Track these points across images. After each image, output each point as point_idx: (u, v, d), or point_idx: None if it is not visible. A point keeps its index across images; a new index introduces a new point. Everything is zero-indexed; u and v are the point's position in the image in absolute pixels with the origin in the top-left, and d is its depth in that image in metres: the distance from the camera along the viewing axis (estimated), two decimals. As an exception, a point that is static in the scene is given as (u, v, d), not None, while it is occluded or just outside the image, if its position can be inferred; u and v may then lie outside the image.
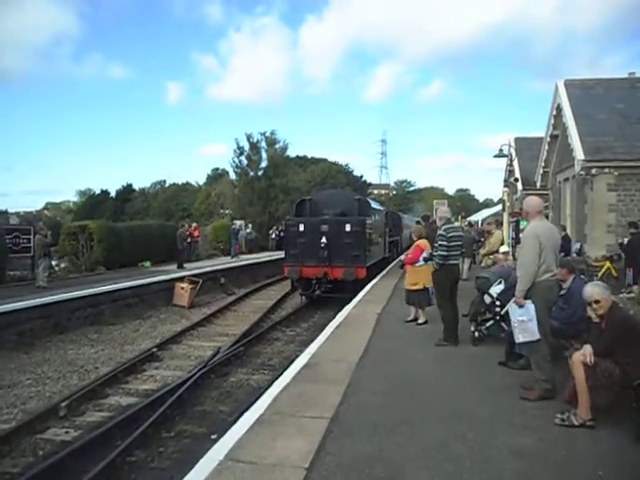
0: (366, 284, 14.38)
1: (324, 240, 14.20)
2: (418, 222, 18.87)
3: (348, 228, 14.40)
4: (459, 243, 7.99)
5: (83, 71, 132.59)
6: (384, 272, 18.03)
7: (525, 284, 5.09)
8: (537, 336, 5.05)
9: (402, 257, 10.23)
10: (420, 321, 9.07)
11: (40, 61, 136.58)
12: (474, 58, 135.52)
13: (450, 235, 7.68)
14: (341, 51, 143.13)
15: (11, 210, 59.85)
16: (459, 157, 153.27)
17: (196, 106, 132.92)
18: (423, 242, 9.32)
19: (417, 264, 9.11)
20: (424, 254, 9.04)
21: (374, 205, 18.44)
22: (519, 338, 5.20)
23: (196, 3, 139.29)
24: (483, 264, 14.04)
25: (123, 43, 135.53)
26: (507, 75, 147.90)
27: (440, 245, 7.60)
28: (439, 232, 7.77)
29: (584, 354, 4.45)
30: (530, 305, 5.06)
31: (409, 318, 9.32)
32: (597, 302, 4.57)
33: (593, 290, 4.62)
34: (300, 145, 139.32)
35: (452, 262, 7.78)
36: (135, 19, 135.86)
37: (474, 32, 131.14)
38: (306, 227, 14.78)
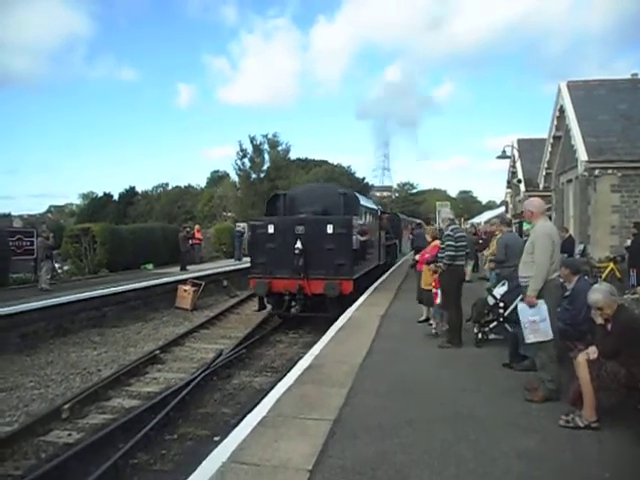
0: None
1: (299, 245, 11.44)
2: (419, 225, 18.73)
3: (330, 230, 11.63)
4: (465, 244, 7.97)
5: (93, 73, 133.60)
6: (383, 278, 16.89)
7: (539, 284, 5.06)
8: (551, 335, 5.01)
9: (417, 257, 9.55)
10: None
11: (48, 63, 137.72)
12: (485, 60, 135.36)
13: (457, 235, 7.68)
14: (351, 53, 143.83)
15: (15, 213, 60.17)
16: (464, 159, 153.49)
17: (205, 108, 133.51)
18: (438, 242, 9.23)
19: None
20: (426, 257, 9.00)
21: (364, 202, 15.24)
22: (530, 338, 5.13)
23: (211, 5, 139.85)
24: (487, 266, 14.04)
25: (135, 45, 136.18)
26: (518, 77, 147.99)
27: (448, 245, 7.58)
28: (446, 232, 7.75)
29: (588, 352, 4.43)
30: (543, 305, 5.02)
31: (421, 318, 9.29)
32: (600, 309, 4.55)
33: (597, 298, 4.58)
34: (305, 147, 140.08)
35: (459, 263, 7.75)
36: (149, 21, 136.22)
37: (486, 34, 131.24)
38: (277, 229, 11.98)
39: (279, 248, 11.83)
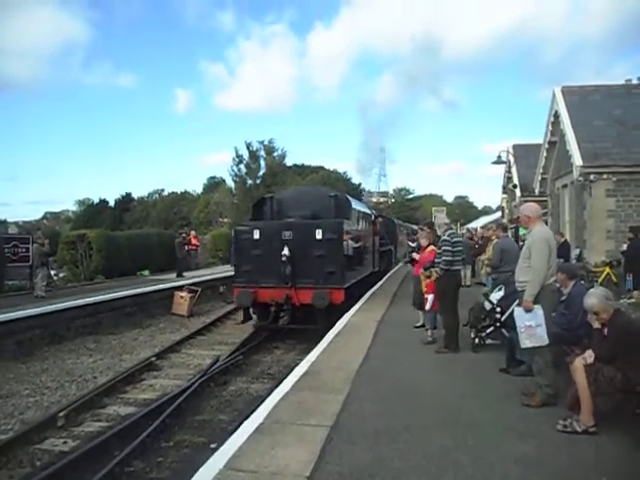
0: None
1: (286, 252, 10.70)
2: (422, 229, 18.59)
3: (319, 235, 10.88)
4: (461, 249, 7.97)
5: (90, 79, 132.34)
6: (379, 284, 16.53)
7: (536, 289, 5.05)
8: (546, 341, 5.00)
9: (416, 256, 9.30)
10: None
11: (45, 69, 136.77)
12: (483, 67, 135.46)
13: (454, 240, 7.67)
14: (349, 59, 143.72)
15: (10, 219, 60.03)
16: (460, 165, 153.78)
17: (202, 114, 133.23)
18: (433, 247, 9.17)
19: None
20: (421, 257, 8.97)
21: (357, 205, 14.29)
22: (526, 344, 5.12)
23: (209, 11, 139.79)
24: (483, 272, 14.06)
25: (132, 51, 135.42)
26: (515, 83, 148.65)
27: (445, 251, 7.57)
28: (443, 238, 7.74)
29: (585, 357, 4.43)
30: (539, 310, 5.01)
31: (418, 324, 9.27)
32: (596, 314, 4.57)
33: (593, 302, 4.60)
34: (302, 153, 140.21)
35: (456, 268, 7.75)
36: (147, 27, 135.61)
37: (484, 41, 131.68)
38: (262, 234, 11.22)
39: (265, 255, 11.11)
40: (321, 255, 10.87)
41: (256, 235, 11.24)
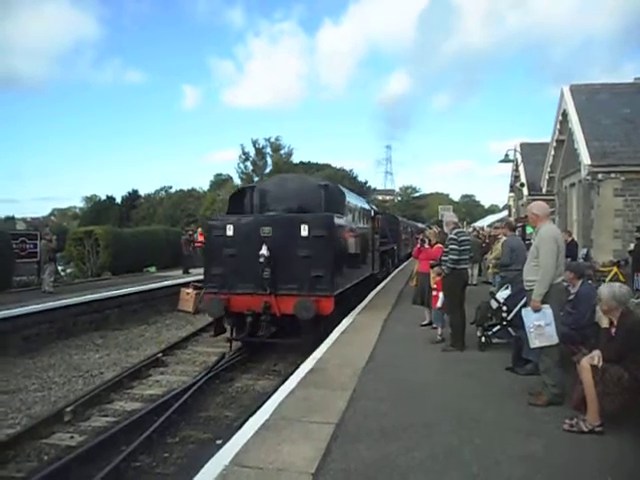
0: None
1: (265, 251, 9.00)
2: (430, 227, 18.56)
3: (305, 231, 9.17)
4: (469, 248, 7.95)
5: (99, 76, 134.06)
6: (384, 283, 16.01)
7: (544, 288, 5.01)
8: (556, 340, 4.97)
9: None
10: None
11: (55, 66, 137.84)
12: (491, 64, 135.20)
13: (461, 239, 7.65)
14: (358, 56, 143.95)
15: (18, 216, 60.39)
16: (467, 163, 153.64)
17: (210, 111, 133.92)
18: (440, 245, 9.13)
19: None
20: (431, 262, 8.95)
21: (352, 199, 12.30)
22: (535, 343, 5.08)
23: (218, 8, 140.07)
24: (490, 270, 14.01)
25: (142, 47, 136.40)
26: (524, 81, 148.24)
27: (452, 249, 7.55)
28: (450, 236, 7.72)
29: (592, 356, 4.42)
30: (548, 309, 4.97)
31: (424, 322, 9.26)
32: (599, 300, 4.63)
33: (602, 291, 4.65)
34: (310, 150, 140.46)
35: (462, 267, 7.73)
36: (157, 24, 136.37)
37: (492, 39, 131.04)
38: (237, 231, 9.51)
39: (240, 255, 9.40)
40: (307, 256, 9.16)
41: (229, 231, 9.52)
